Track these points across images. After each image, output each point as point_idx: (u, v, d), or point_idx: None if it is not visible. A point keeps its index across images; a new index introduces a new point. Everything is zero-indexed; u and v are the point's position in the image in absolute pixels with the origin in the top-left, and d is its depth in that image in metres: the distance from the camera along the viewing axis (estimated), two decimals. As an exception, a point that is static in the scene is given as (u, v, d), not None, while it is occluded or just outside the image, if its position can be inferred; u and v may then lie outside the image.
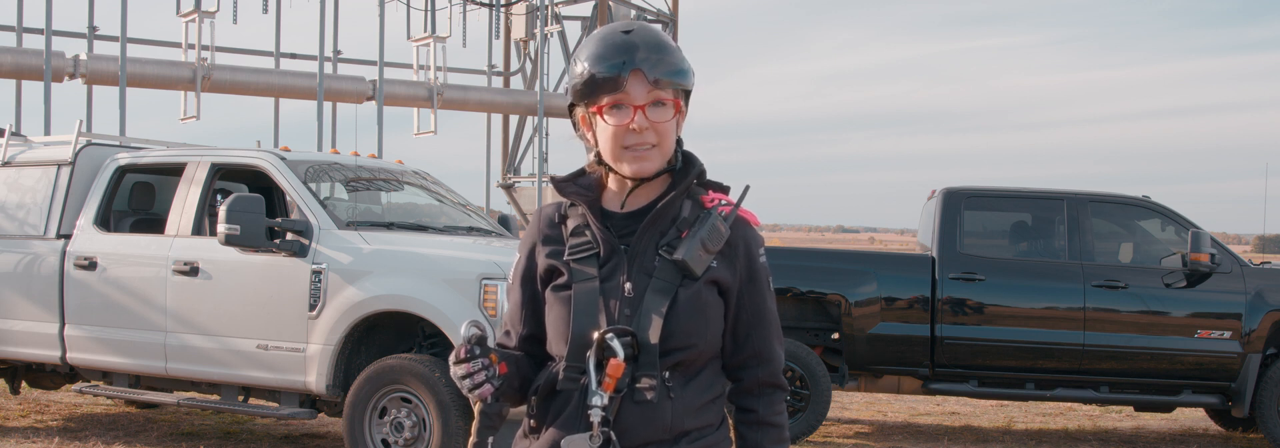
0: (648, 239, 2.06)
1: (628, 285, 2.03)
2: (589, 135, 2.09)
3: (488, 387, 2.00)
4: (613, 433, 1.98)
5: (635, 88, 2.00)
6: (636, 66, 1.99)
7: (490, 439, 2.04)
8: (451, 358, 2.01)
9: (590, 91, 2.01)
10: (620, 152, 2.03)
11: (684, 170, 2.09)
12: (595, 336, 1.99)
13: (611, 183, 2.11)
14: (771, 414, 2.11)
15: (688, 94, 2.10)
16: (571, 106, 2.11)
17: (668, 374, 2.02)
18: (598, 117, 2.03)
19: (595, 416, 1.96)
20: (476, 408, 2.03)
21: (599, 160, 2.09)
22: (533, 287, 2.15)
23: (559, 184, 2.11)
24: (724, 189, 2.13)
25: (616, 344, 1.97)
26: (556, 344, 2.08)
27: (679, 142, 2.09)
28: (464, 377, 1.99)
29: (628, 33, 2.03)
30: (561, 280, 2.08)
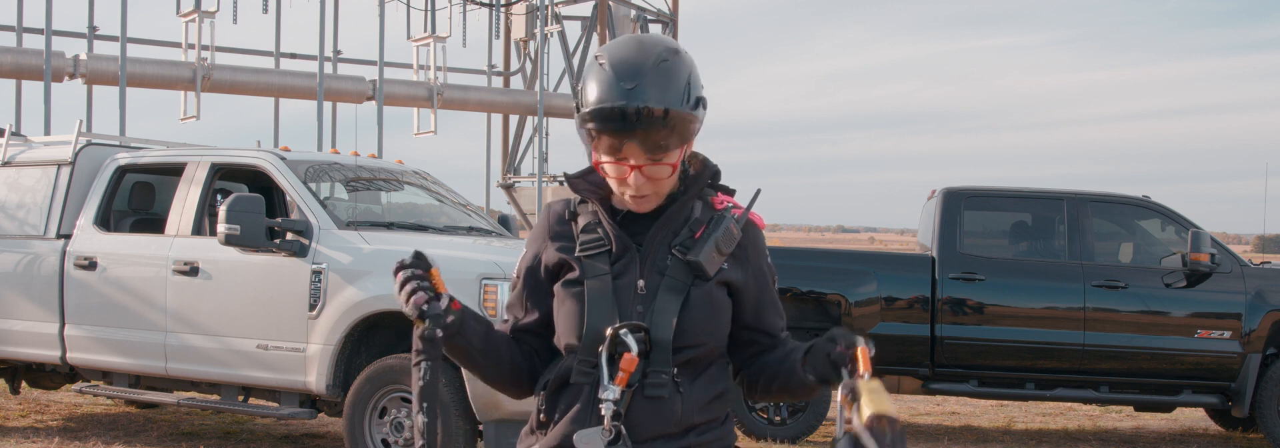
0: (660, 238, 2.09)
1: (641, 283, 2.05)
2: (594, 152, 2.08)
3: (421, 294, 2.00)
4: (624, 427, 1.99)
5: (633, 151, 1.98)
6: (638, 129, 1.94)
7: (425, 366, 2.02)
8: (392, 268, 2.03)
9: (589, 133, 2.01)
10: (619, 187, 2.06)
11: (697, 173, 2.12)
12: (608, 331, 2.01)
13: None
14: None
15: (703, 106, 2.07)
16: (578, 111, 2.10)
17: (677, 370, 2.05)
18: (595, 150, 2.04)
19: (607, 409, 1.98)
20: (416, 333, 2.03)
21: None
22: (537, 279, 2.16)
23: (571, 180, 2.13)
24: (731, 192, 2.17)
25: (630, 340, 1.99)
26: (568, 338, 2.09)
27: (686, 160, 2.12)
28: (399, 287, 2.01)
29: (634, 77, 1.95)
30: (573, 276, 2.09)
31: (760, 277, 2.16)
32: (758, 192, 2.16)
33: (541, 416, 2.11)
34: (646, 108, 1.94)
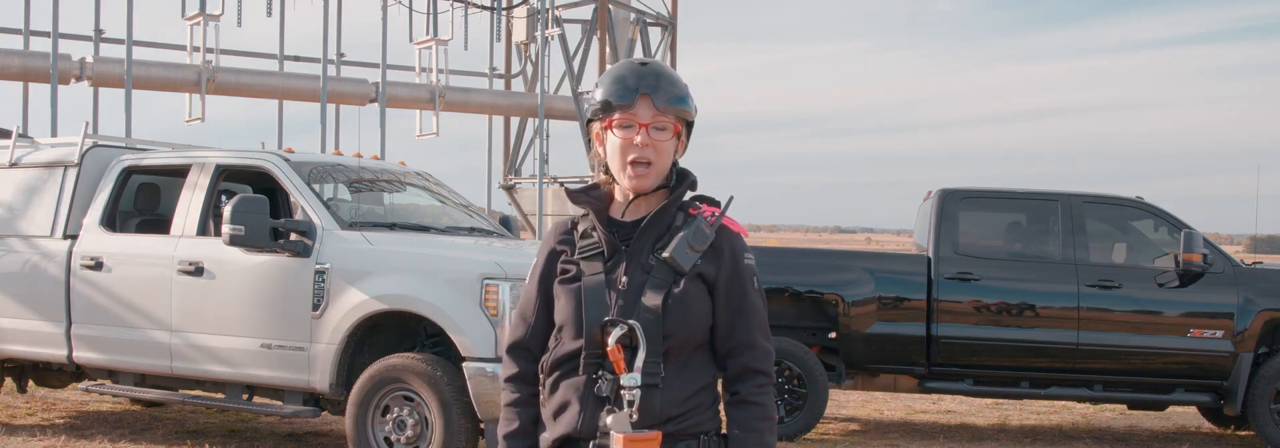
0: (645, 241, 2.34)
1: (624, 279, 2.31)
2: (600, 149, 2.38)
3: None
4: (637, 412, 2.22)
5: (643, 109, 2.31)
6: (645, 92, 2.31)
7: None
8: None
9: (605, 110, 2.32)
10: (624, 163, 2.32)
11: (678, 184, 2.39)
12: (601, 324, 2.27)
13: (617, 195, 2.40)
14: (754, 395, 2.34)
15: (690, 126, 2.39)
16: (588, 122, 2.41)
17: (660, 361, 2.27)
18: (608, 131, 2.33)
19: (630, 395, 2.22)
20: None
21: (605, 171, 2.38)
22: (548, 283, 2.42)
23: (572, 194, 2.42)
24: (714, 202, 2.42)
25: (616, 330, 2.25)
26: (567, 329, 2.34)
27: (675, 164, 2.38)
28: None
29: (643, 65, 2.36)
30: (570, 275, 2.37)
31: (737, 273, 2.36)
32: (730, 198, 2.41)
33: (543, 396, 2.38)
34: (654, 69, 2.34)
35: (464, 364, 6.00)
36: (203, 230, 7.12)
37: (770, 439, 2.32)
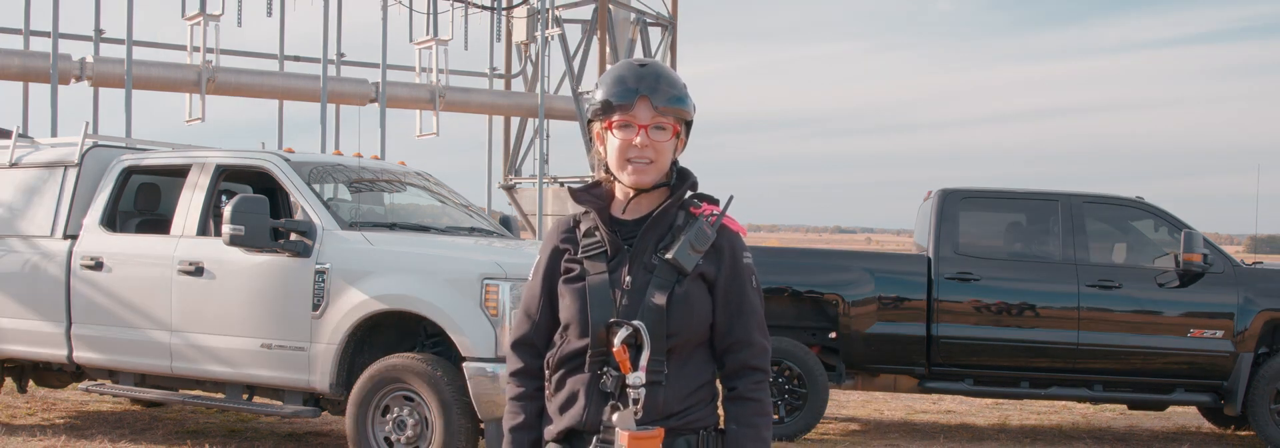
0: (647, 241, 2.38)
1: (627, 279, 2.34)
2: (601, 149, 2.42)
3: None
4: (641, 409, 2.26)
5: (642, 111, 2.34)
6: (644, 93, 2.34)
7: None
8: None
9: (605, 110, 2.36)
10: (623, 163, 2.35)
11: (679, 183, 2.43)
12: (607, 325, 2.31)
13: (618, 193, 2.43)
14: (751, 391, 2.39)
15: (689, 125, 2.43)
16: (589, 122, 2.45)
17: (664, 359, 2.31)
18: (609, 131, 2.37)
19: (636, 393, 2.26)
20: None
21: (606, 170, 2.41)
22: (552, 281, 2.45)
23: (575, 193, 2.45)
24: (714, 201, 2.45)
25: (622, 331, 2.28)
26: (573, 329, 2.38)
27: (675, 162, 2.42)
28: None
29: (642, 66, 2.39)
30: (574, 274, 2.40)
31: (736, 273, 2.40)
32: (730, 198, 2.45)
33: (549, 391, 2.42)
34: (653, 70, 2.37)
35: (464, 364, 6.00)
36: (203, 230, 7.12)
37: (766, 435, 2.37)
